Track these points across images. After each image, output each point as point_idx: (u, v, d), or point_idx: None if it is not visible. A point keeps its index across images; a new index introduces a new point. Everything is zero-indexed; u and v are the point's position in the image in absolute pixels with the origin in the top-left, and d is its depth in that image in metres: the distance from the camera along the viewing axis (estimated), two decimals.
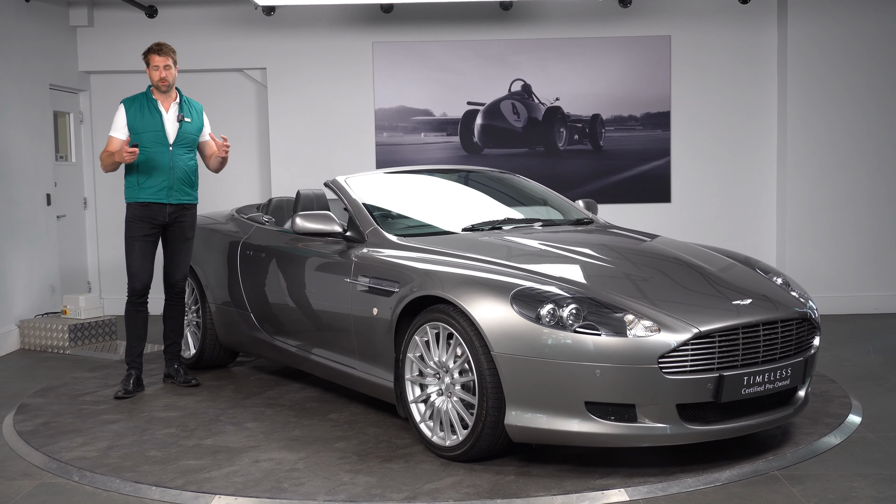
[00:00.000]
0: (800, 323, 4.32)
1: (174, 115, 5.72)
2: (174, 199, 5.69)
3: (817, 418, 4.87)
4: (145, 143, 5.60)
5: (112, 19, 8.71)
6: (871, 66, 8.35)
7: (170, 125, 5.69)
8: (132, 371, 5.78)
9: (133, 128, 5.63)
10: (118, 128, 5.67)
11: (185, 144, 5.74)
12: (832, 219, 8.45)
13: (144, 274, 5.71)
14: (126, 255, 5.71)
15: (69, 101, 8.72)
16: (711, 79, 8.64)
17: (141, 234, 5.67)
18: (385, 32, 8.64)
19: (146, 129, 5.63)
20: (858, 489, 3.93)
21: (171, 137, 5.68)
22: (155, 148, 5.63)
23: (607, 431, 3.93)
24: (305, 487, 3.99)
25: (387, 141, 8.69)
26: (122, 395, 5.65)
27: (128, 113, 5.65)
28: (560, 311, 3.97)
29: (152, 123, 5.64)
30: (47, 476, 4.30)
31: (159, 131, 5.65)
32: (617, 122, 8.67)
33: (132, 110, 5.66)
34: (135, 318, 5.77)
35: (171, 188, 5.66)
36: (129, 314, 5.77)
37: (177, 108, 5.74)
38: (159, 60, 5.67)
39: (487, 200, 5.78)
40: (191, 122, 5.77)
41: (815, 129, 8.40)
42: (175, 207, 5.72)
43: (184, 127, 5.72)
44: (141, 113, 5.65)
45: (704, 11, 8.57)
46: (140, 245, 5.67)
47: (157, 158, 5.62)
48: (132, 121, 5.64)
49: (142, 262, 5.68)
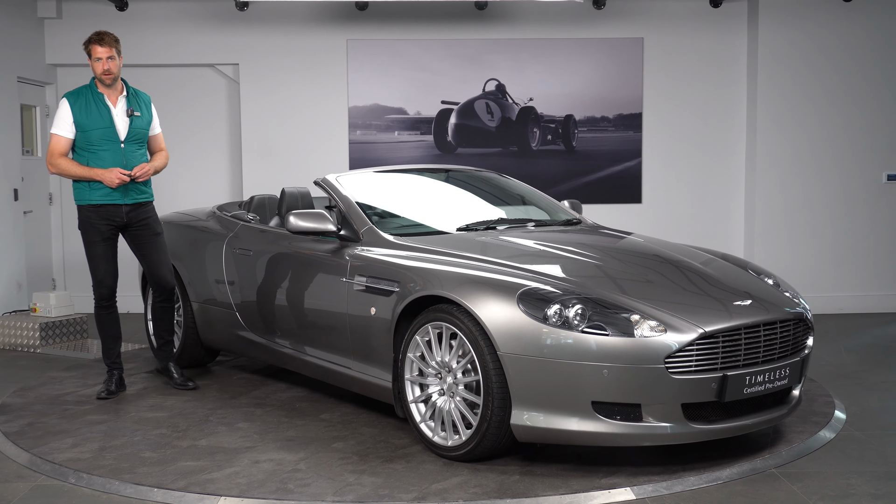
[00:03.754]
0: (796, 323, 4.40)
1: (123, 109, 5.37)
2: (130, 198, 5.40)
3: (805, 417, 4.96)
4: (94, 141, 5.28)
5: (81, 11, 8.54)
6: (839, 72, 8.53)
7: (119, 121, 5.35)
8: (114, 371, 5.62)
9: (80, 125, 5.27)
10: (63, 126, 5.28)
11: (137, 140, 5.43)
12: (799, 221, 8.62)
13: (110, 278, 5.48)
14: (89, 260, 5.43)
15: (36, 94, 8.54)
16: (683, 81, 8.75)
17: (101, 238, 5.39)
18: (360, 30, 8.60)
19: (94, 125, 5.28)
20: (856, 486, 4.01)
21: (121, 134, 5.35)
22: (105, 146, 5.29)
23: (613, 431, 3.96)
24: (312, 488, 3.96)
25: (360, 139, 8.65)
26: (105, 395, 5.51)
27: (73, 108, 5.27)
28: (566, 311, 3.99)
29: (100, 120, 5.29)
30: (41, 478, 4.21)
31: (108, 128, 5.30)
32: (589, 122, 8.73)
33: (77, 106, 5.28)
34: (107, 321, 5.56)
35: (126, 187, 5.35)
36: (100, 318, 5.56)
37: (125, 102, 5.39)
38: (101, 51, 5.28)
39: (477, 200, 5.79)
40: (140, 115, 5.43)
41: (784, 132, 8.55)
42: (131, 207, 5.42)
43: (134, 122, 5.39)
44: (87, 109, 5.28)
45: (677, 15, 8.68)
46: (102, 248, 5.40)
47: (109, 157, 5.29)
48: (79, 117, 5.27)
49: (106, 265, 5.43)
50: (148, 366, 6.41)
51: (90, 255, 5.42)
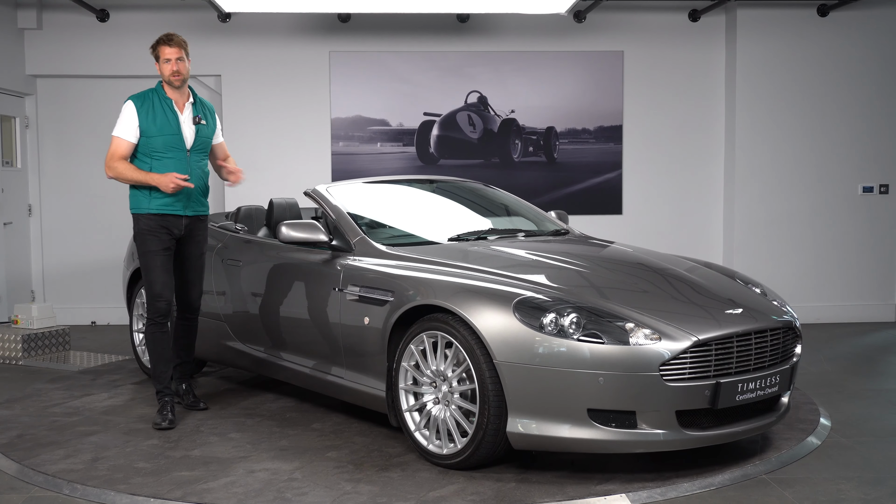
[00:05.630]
0: (785, 332, 4.47)
1: (189, 116, 5.13)
2: (191, 210, 5.14)
3: (791, 424, 5.04)
4: (158, 148, 5.01)
5: (61, 22, 8.52)
6: (815, 85, 8.68)
7: (187, 128, 5.10)
8: (167, 398, 5.16)
9: (145, 130, 5.00)
10: (126, 129, 5.00)
11: (202, 149, 5.20)
12: (777, 232, 8.74)
13: (168, 291, 5.09)
14: (145, 272, 5.07)
15: (15, 104, 8.49)
16: (662, 94, 8.86)
17: (160, 248, 5.06)
18: (342, 42, 8.64)
19: (161, 132, 5.01)
20: (846, 491, 4.08)
21: (188, 142, 5.09)
22: (170, 153, 5.03)
23: (609, 438, 4.00)
24: (309, 497, 3.97)
25: (343, 150, 8.67)
26: (165, 426, 5.04)
27: (139, 112, 5.00)
28: (562, 319, 4.03)
29: (167, 126, 5.03)
30: (35, 490, 4.19)
31: (175, 135, 5.05)
32: (571, 134, 8.81)
33: (143, 110, 5.01)
34: (161, 341, 5.15)
35: (188, 198, 5.09)
36: (153, 337, 5.13)
37: (192, 109, 5.15)
38: (170, 52, 5.07)
39: (465, 211, 5.83)
40: (206, 124, 5.21)
41: (762, 144, 8.68)
42: (190, 219, 5.17)
43: (200, 130, 5.15)
44: (154, 113, 5.02)
45: (656, 28, 8.79)
46: (161, 259, 5.06)
47: (173, 165, 5.02)
48: (144, 122, 5.00)
49: (165, 277, 5.07)
50: (134, 377, 6.38)
51: (147, 267, 5.07)
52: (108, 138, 5.69)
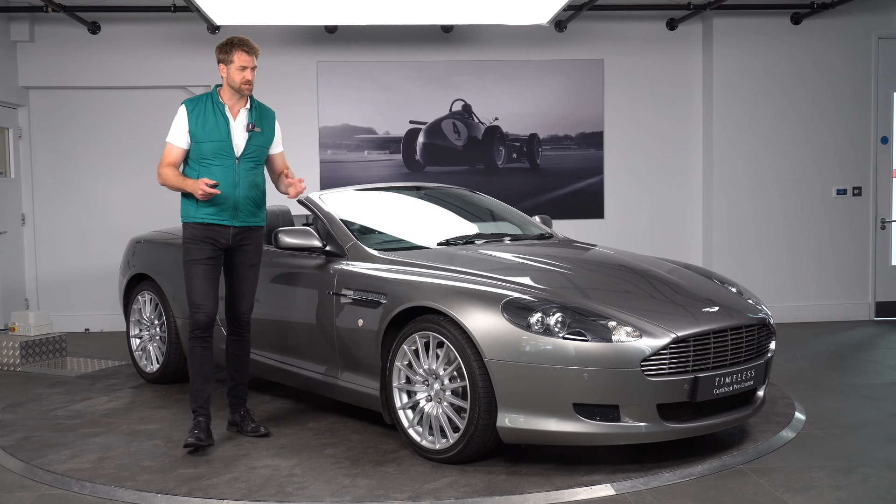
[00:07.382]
0: (760, 328, 4.70)
1: (243, 123, 4.88)
2: (239, 220, 4.88)
3: (768, 417, 5.27)
4: (207, 155, 4.80)
5: (53, 35, 8.68)
6: (790, 91, 8.95)
7: (237, 135, 4.85)
8: (201, 418, 4.86)
9: (194, 135, 4.80)
10: (177, 134, 4.82)
11: (254, 158, 4.92)
12: (754, 234, 8.99)
13: (210, 303, 4.84)
14: (186, 281, 4.87)
15: (8, 116, 8.65)
16: (642, 101, 9.11)
17: (204, 257, 4.83)
18: (329, 52, 8.84)
19: (209, 138, 4.79)
20: (819, 479, 4.30)
21: (238, 150, 4.84)
22: (218, 161, 4.81)
23: (593, 431, 4.22)
24: (310, 491, 4.16)
25: (331, 158, 8.87)
26: (191, 440, 4.76)
27: (189, 117, 4.81)
28: (548, 318, 4.25)
29: (216, 132, 4.80)
30: (45, 488, 4.36)
31: (224, 141, 4.81)
32: (553, 141, 9.04)
33: (195, 114, 4.81)
34: (200, 357, 4.88)
35: (235, 208, 4.85)
36: (192, 352, 4.89)
37: (247, 116, 4.90)
38: (248, 60, 4.81)
39: (452, 216, 6.04)
40: (261, 132, 4.95)
41: (739, 149, 8.94)
42: (240, 230, 4.91)
43: (253, 138, 4.89)
44: (204, 118, 4.80)
45: (635, 37, 9.04)
46: (203, 269, 4.83)
47: (220, 173, 4.80)
48: (194, 127, 4.79)
49: (206, 288, 4.83)
50: (131, 381, 6.56)
51: (188, 276, 4.87)
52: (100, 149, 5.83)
